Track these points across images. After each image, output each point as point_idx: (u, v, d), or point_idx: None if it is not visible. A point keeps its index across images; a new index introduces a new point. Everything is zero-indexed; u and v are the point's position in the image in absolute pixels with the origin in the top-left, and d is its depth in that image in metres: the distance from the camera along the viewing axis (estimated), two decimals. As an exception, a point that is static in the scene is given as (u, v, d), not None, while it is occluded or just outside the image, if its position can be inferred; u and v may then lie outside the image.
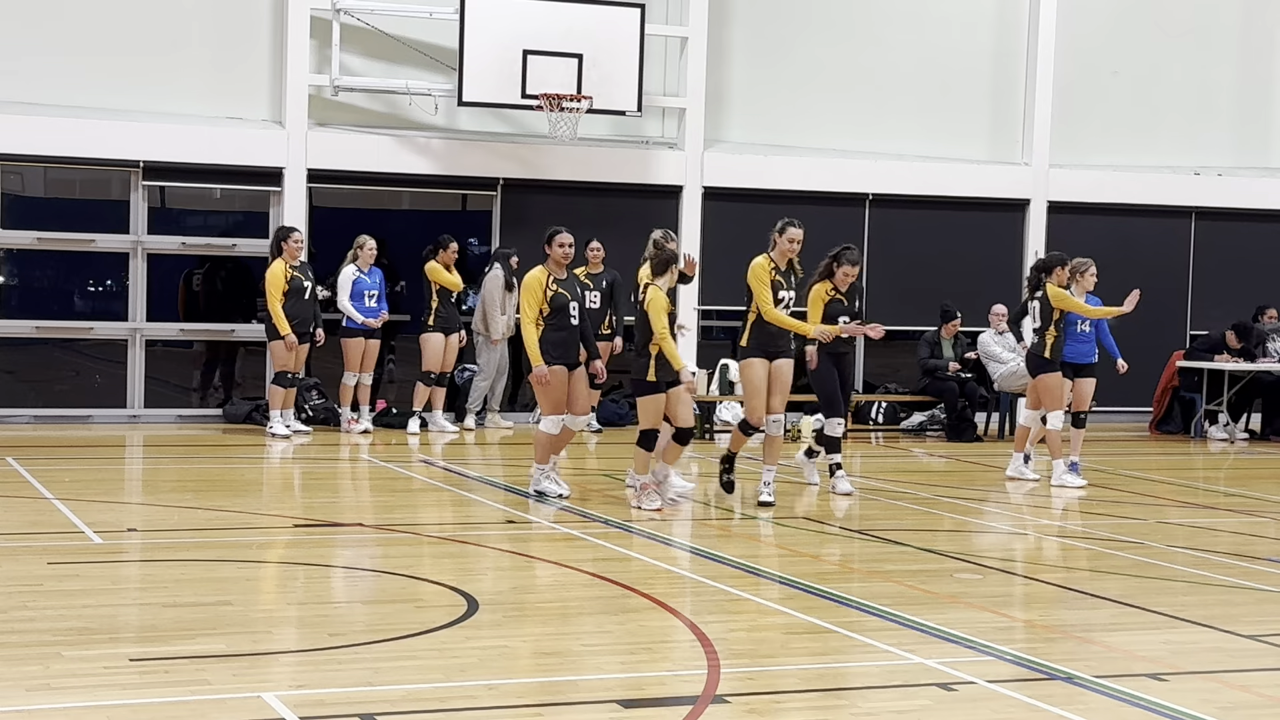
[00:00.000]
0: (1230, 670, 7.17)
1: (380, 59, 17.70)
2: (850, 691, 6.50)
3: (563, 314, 11.68)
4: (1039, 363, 13.53)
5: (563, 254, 11.80)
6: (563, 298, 11.69)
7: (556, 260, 11.79)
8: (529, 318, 11.62)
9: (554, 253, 11.81)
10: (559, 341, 11.67)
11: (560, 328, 11.66)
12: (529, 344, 11.59)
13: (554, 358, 11.63)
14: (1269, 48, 20.84)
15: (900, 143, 19.44)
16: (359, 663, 6.75)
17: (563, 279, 11.80)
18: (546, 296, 11.64)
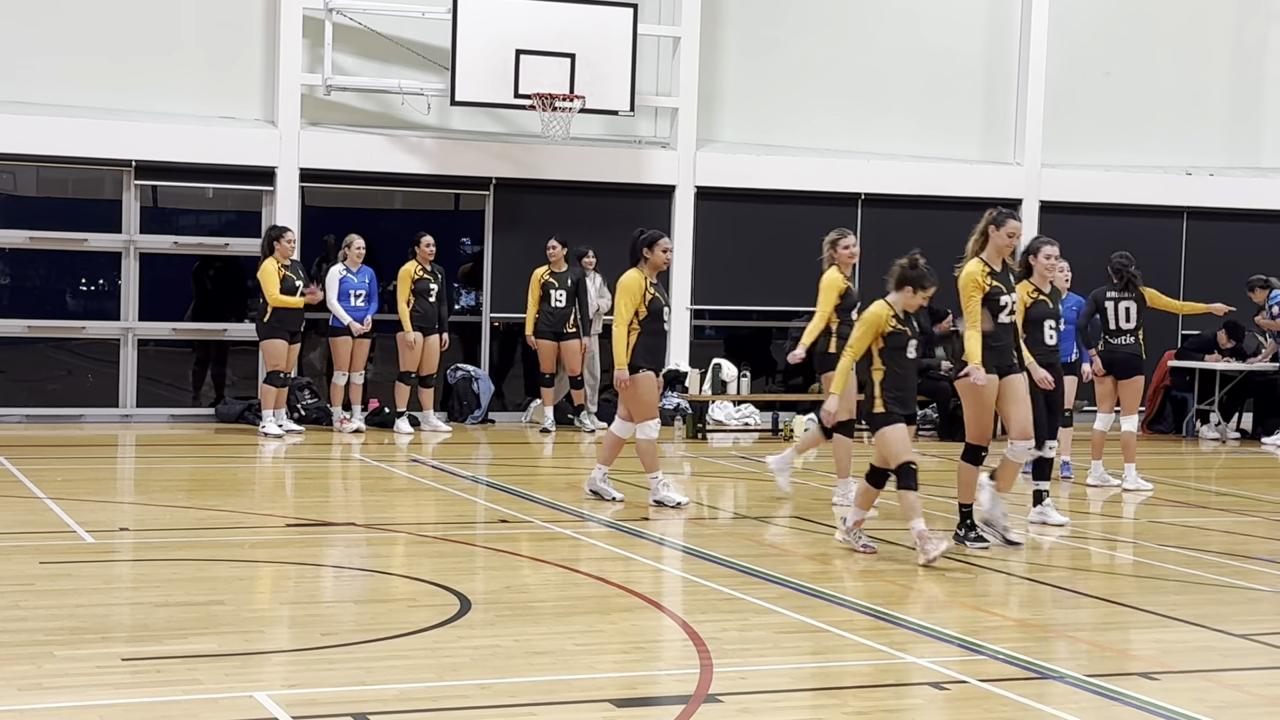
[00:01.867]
0: (1222, 669, 7.18)
1: (373, 58, 17.69)
2: (842, 691, 6.51)
3: (658, 318, 11.37)
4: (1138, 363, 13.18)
5: (664, 259, 11.44)
6: (659, 301, 11.38)
7: (655, 265, 11.43)
8: (624, 320, 11.26)
9: (655, 257, 11.41)
10: (653, 347, 11.38)
11: (655, 332, 11.38)
12: (619, 346, 11.26)
13: (646, 363, 11.33)
14: (1260, 48, 20.87)
15: (893, 142, 19.45)
16: (351, 662, 6.75)
17: (655, 283, 11.45)
18: (645, 299, 11.29)
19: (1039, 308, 10.71)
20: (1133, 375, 13.16)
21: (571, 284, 16.84)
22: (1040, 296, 10.71)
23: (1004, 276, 10.11)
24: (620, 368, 11.29)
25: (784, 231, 18.86)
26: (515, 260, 17.38)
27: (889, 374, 9.50)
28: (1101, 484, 13.25)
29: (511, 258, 17.62)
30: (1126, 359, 13.19)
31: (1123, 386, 13.23)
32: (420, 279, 16.53)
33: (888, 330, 9.45)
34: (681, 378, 18.08)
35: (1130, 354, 13.17)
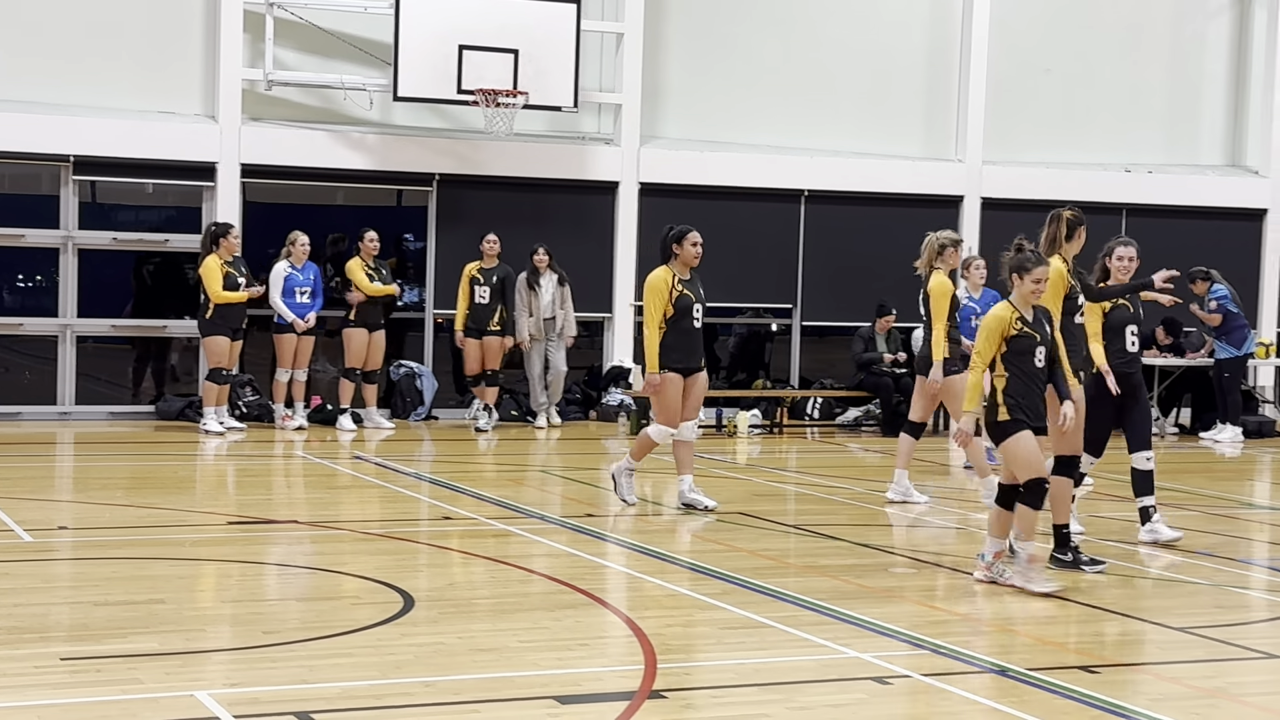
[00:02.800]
0: (1161, 662, 7.25)
1: (314, 53, 17.59)
2: (786, 686, 6.52)
3: (686, 316, 11.07)
4: None
5: (694, 254, 11.13)
6: (687, 299, 11.07)
7: (685, 260, 11.14)
8: (652, 320, 10.98)
9: (684, 252, 11.13)
10: (680, 346, 11.07)
11: (683, 331, 11.07)
12: (649, 348, 10.99)
13: (674, 363, 11.05)
14: (1198, 47, 21.07)
15: (836, 139, 19.52)
16: (294, 660, 6.71)
17: (687, 280, 11.15)
18: (672, 298, 11.00)
19: (1119, 313, 9.93)
20: None
21: (498, 281, 16.78)
22: (1120, 301, 9.98)
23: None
24: (651, 370, 10.99)
25: (728, 228, 18.88)
26: (459, 257, 17.32)
27: (1012, 380, 8.58)
28: None
29: (455, 254, 17.56)
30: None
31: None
32: (367, 272, 16.45)
33: (1012, 333, 8.59)
34: (625, 374, 18.09)
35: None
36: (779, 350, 19.79)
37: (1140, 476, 10.11)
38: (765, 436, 17.29)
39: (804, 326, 19.35)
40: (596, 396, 18.38)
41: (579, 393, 18.46)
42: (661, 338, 11.03)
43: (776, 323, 19.70)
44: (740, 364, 20.18)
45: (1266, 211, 20.85)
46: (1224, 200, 20.47)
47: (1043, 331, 8.68)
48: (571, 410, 18.12)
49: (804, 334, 19.38)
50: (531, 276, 17.13)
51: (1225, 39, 21.11)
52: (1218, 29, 21.10)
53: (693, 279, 11.20)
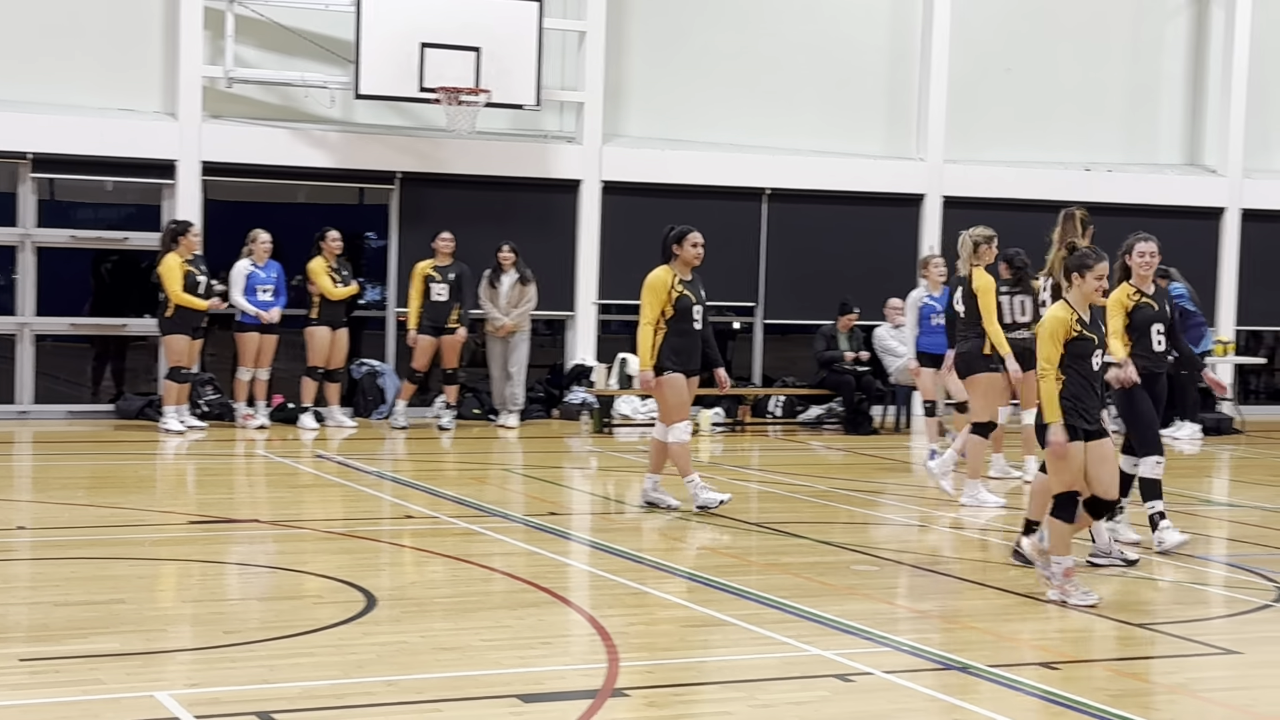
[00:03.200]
0: (1121, 658, 7.30)
1: (275, 51, 17.52)
2: (748, 683, 6.54)
3: (686, 317, 10.94)
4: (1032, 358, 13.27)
5: (695, 254, 10.98)
6: (687, 300, 10.94)
7: (686, 260, 10.99)
8: (649, 319, 10.87)
9: (685, 252, 10.98)
10: (681, 348, 10.96)
11: (683, 332, 10.95)
12: (643, 347, 10.90)
13: (675, 364, 10.96)
14: (1156, 47, 21.19)
15: (797, 138, 19.55)
16: (255, 660, 6.69)
17: (688, 280, 11.00)
18: (671, 298, 10.86)
19: (1142, 311, 9.60)
20: (1027, 369, 13.26)
21: (454, 278, 16.75)
22: (1142, 299, 9.63)
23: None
24: (644, 369, 10.92)
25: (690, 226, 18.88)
26: (421, 255, 17.23)
27: (1069, 384, 8.26)
28: (1003, 476, 13.39)
29: (417, 253, 17.46)
30: (1020, 353, 13.30)
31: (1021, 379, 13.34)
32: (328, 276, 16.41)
33: (1071, 336, 8.27)
34: (587, 372, 18.09)
35: (1024, 348, 13.26)
36: (741, 348, 19.82)
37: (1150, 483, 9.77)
38: (728, 434, 17.32)
39: (766, 325, 19.38)
40: (559, 395, 18.36)
41: (542, 391, 18.45)
42: (663, 339, 10.92)
43: (739, 321, 19.72)
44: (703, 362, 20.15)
45: (1224, 210, 21.00)
46: (1182, 199, 20.59)
47: (1099, 333, 8.43)
48: (534, 409, 18.10)
49: (766, 332, 19.41)
50: (494, 274, 17.10)
51: (1183, 39, 21.24)
52: (1176, 29, 21.24)
53: (694, 280, 11.08)
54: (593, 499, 12.66)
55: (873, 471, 14.41)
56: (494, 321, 16.98)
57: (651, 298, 10.88)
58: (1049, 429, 8.25)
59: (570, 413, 17.98)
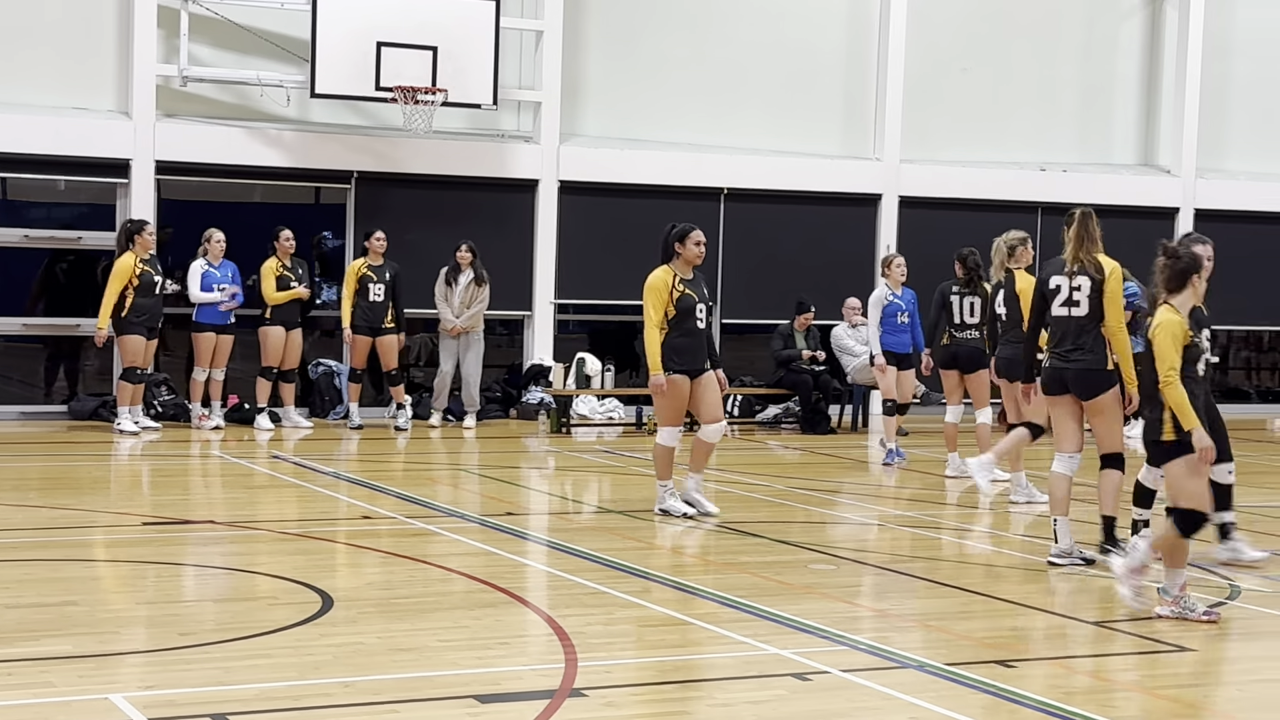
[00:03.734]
0: (1075, 655, 7.34)
1: (230, 49, 17.43)
2: (706, 683, 6.54)
3: (689, 317, 10.74)
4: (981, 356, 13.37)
5: (697, 253, 10.81)
6: (689, 300, 10.74)
7: (688, 259, 10.80)
8: (653, 321, 10.66)
9: (686, 251, 10.80)
10: (684, 348, 10.73)
11: (686, 332, 10.73)
12: (650, 349, 10.67)
13: (677, 365, 10.73)
14: (1111, 47, 21.33)
15: (755, 137, 19.59)
16: (210, 662, 6.65)
17: (689, 279, 10.81)
18: (673, 298, 10.68)
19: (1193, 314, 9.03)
20: (977, 369, 13.37)
21: (390, 277, 16.70)
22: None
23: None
24: (654, 372, 10.69)
25: (647, 226, 18.83)
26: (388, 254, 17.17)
27: None
28: (957, 475, 13.45)
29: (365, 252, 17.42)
30: (970, 353, 13.42)
31: (969, 380, 13.45)
32: (281, 275, 16.35)
33: (1186, 342, 7.89)
34: (545, 372, 18.07)
35: (974, 348, 13.38)
36: (699, 348, 19.81)
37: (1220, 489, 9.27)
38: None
39: (724, 324, 19.40)
40: (517, 395, 18.34)
41: (499, 391, 18.42)
42: (665, 339, 10.73)
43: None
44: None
45: (1178, 210, 21.15)
46: (1137, 199, 20.71)
47: (1204, 339, 8.05)
48: (492, 409, 18.07)
49: (723, 331, 19.43)
50: (450, 274, 17.05)
51: (1137, 40, 21.38)
52: (1130, 30, 21.38)
53: (695, 279, 10.92)
54: (550, 499, 12.65)
55: (830, 471, 14.45)
56: (445, 322, 16.92)
57: (653, 299, 10.70)
58: (1192, 436, 7.76)
59: (528, 413, 17.96)
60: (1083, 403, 9.40)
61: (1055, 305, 9.41)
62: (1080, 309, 9.35)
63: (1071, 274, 9.40)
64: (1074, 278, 9.40)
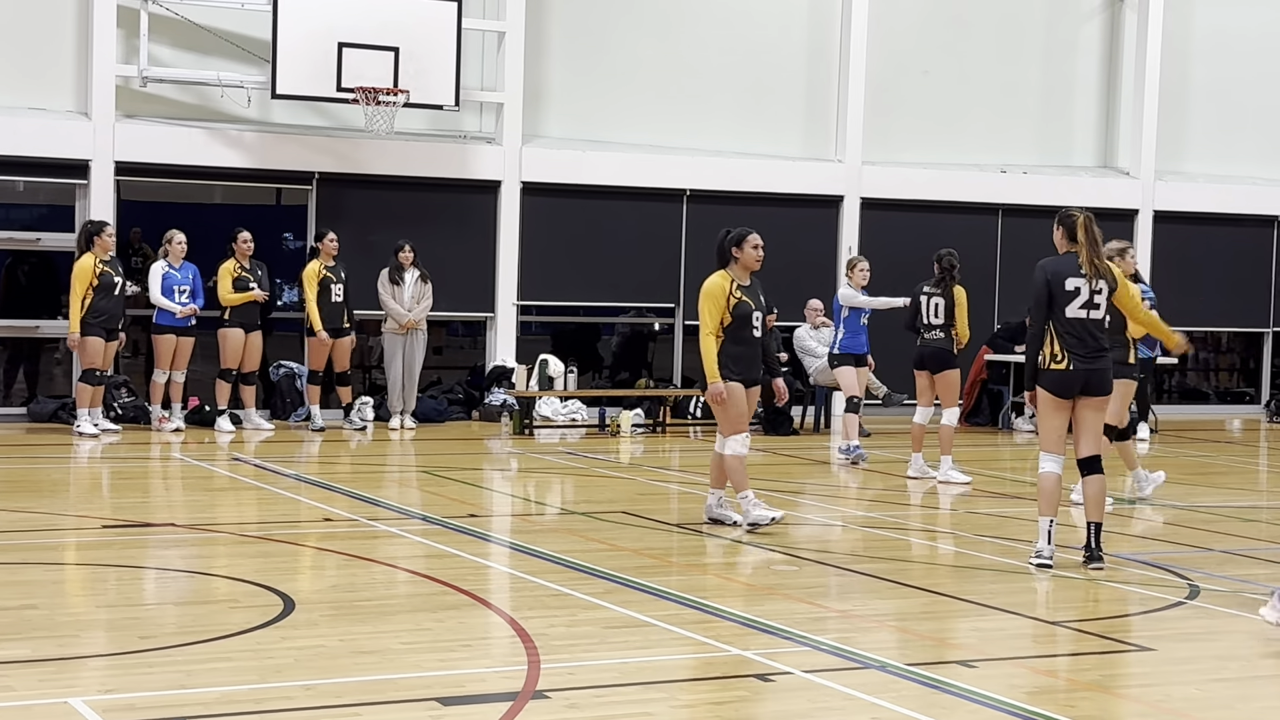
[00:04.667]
0: (1035, 655, 7.37)
1: (190, 50, 17.34)
2: (669, 684, 6.55)
3: (745, 325, 10.42)
4: (948, 357, 13.49)
5: (755, 256, 10.53)
6: (746, 307, 10.44)
7: (746, 264, 10.53)
8: (709, 328, 10.32)
9: (744, 256, 10.53)
10: (740, 356, 10.42)
11: (742, 340, 10.42)
12: (707, 357, 10.31)
13: (734, 373, 10.41)
14: (1070, 50, 21.44)
15: (717, 139, 19.61)
16: (171, 665, 6.62)
17: (747, 286, 10.53)
18: (730, 305, 10.35)
19: None
20: (944, 369, 13.44)
21: (345, 278, 16.67)
22: None
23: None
24: (713, 380, 10.30)
25: (610, 227, 18.93)
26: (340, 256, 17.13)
27: None
28: (921, 476, 13.50)
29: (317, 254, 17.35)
30: (936, 353, 13.49)
31: (937, 380, 13.51)
32: (239, 276, 16.29)
33: None
34: (508, 373, 18.04)
35: (939, 348, 13.46)
36: (662, 349, 19.85)
37: None
38: (648, 436, 17.34)
39: (687, 325, 19.41)
40: (479, 396, 18.31)
41: (461, 393, 18.39)
42: (720, 347, 10.41)
43: (659, 322, 19.76)
44: (623, 363, 20.21)
45: (1137, 212, 21.28)
46: (1096, 201, 20.76)
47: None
48: (454, 410, 18.05)
49: (687, 333, 19.44)
50: (395, 273, 16.99)
51: (1097, 42, 21.50)
52: (1090, 33, 21.50)
53: (753, 285, 10.64)
54: (513, 501, 12.64)
55: (792, 471, 14.48)
56: (399, 318, 16.88)
57: (711, 306, 10.36)
58: None
59: (490, 414, 17.94)
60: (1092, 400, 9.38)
61: (1073, 307, 9.40)
62: (1099, 311, 9.44)
63: (1091, 277, 9.41)
64: (1094, 280, 9.42)
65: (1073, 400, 9.40)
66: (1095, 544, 9.37)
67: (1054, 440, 9.43)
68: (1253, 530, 11.64)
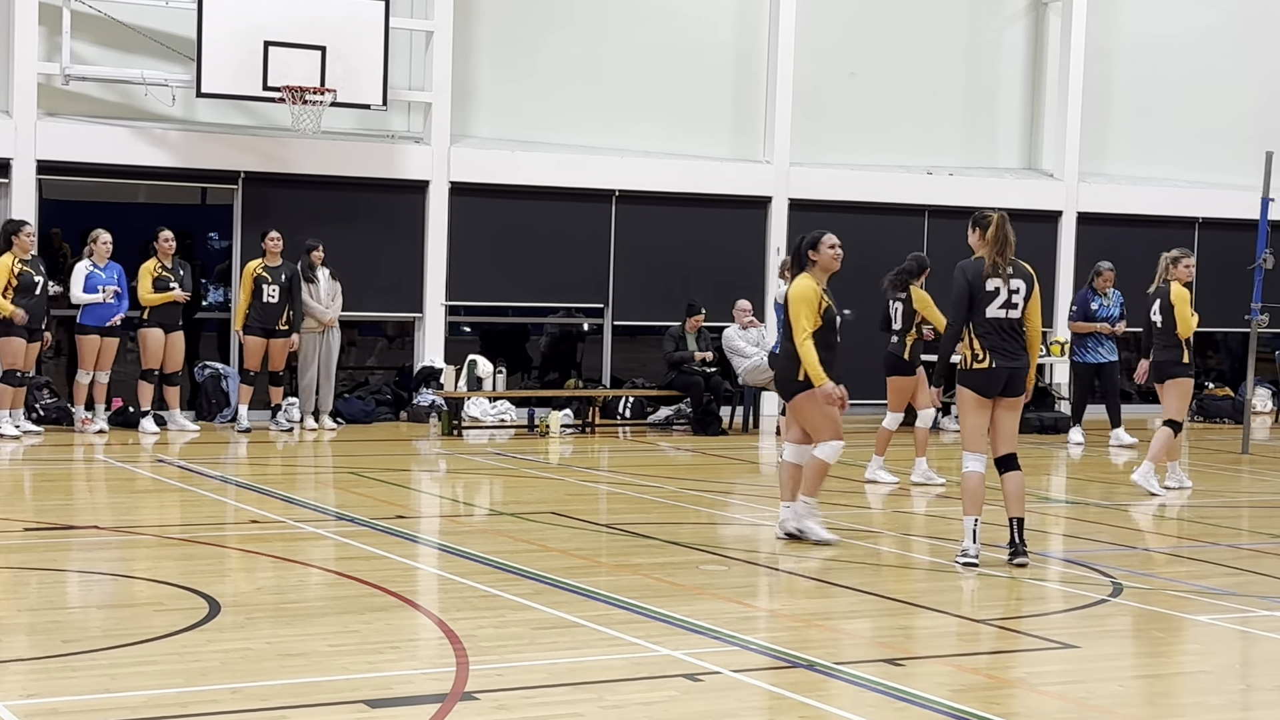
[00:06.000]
0: (963, 654, 7.43)
1: (114, 47, 17.17)
2: (598, 685, 6.55)
3: (831, 329, 10.08)
4: (897, 363, 13.58)
5: (833, 255, 10.10)
6: (832, 311, 10.11)
7: (825, 266, 10.11)
8: (806, 331, 9.94)
9: (822, 257, 10.10)
10: (827, 361, 10.01)
11: (828, 345, 10.03)
12: (809, 360, 9.90)
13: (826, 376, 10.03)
14: (995, 52, 21.62)
15: (646, 140, 19.64)
16: (95, 669, 6.55)
17: (825, 289, 10.14)
18: (820, 308, 10.00)
19: None
20: (892, 374, 13.59)
21: (285, 279, 16.57)
22: None
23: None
24: (821, 382, 9.89)
25: (539, 228, 18.91)
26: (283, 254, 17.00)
27: None
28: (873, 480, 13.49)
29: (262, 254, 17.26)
30: (887, 358, 13.68)
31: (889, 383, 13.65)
32: (160, 276, 16.13)
33: None
34: (436, 374, 17.98)
35: (890, 353, 13.60)
36: (590, 350, 19.86)
37: None
38: (577, 436, 17.33)
39: (615, 326, 19.43)
40: (407, 397, 18.24)
41: (389, 393, 18.31)
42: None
43: (588, 322, 19.76)
44: (552, 364, 20.20)
45: (1061, 213, 21.50)
46: (1021, 202, 21.00)
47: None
48: (382, 411, 17.96)
49: (615, 333, 19.46)
50: (307, 272, 16.89)
51: (1021, 45, 21.70)
52: (1014, 35, 21.69)
53: (828, 288, 10.26)
54: (442, 502, 12.60)
55: (721, 472, 14.52)
56: (319, 315, 16.79)
57: (806, 309, 9.96)
58: None
59: (419, 415, 17.87)
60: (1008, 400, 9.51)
61: (993, 308, 9.49)
62: (1017, 311, 9.54)
63: (1007, 277, 9.51)
64: (1010, 280, 9.52)
65: (992, 400, 9.50)
66: (1019, 539, 9.47)
67: (977, 439, 9.53)
68: (1174, 528, 11.79)
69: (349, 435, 16.58)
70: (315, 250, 16.91)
